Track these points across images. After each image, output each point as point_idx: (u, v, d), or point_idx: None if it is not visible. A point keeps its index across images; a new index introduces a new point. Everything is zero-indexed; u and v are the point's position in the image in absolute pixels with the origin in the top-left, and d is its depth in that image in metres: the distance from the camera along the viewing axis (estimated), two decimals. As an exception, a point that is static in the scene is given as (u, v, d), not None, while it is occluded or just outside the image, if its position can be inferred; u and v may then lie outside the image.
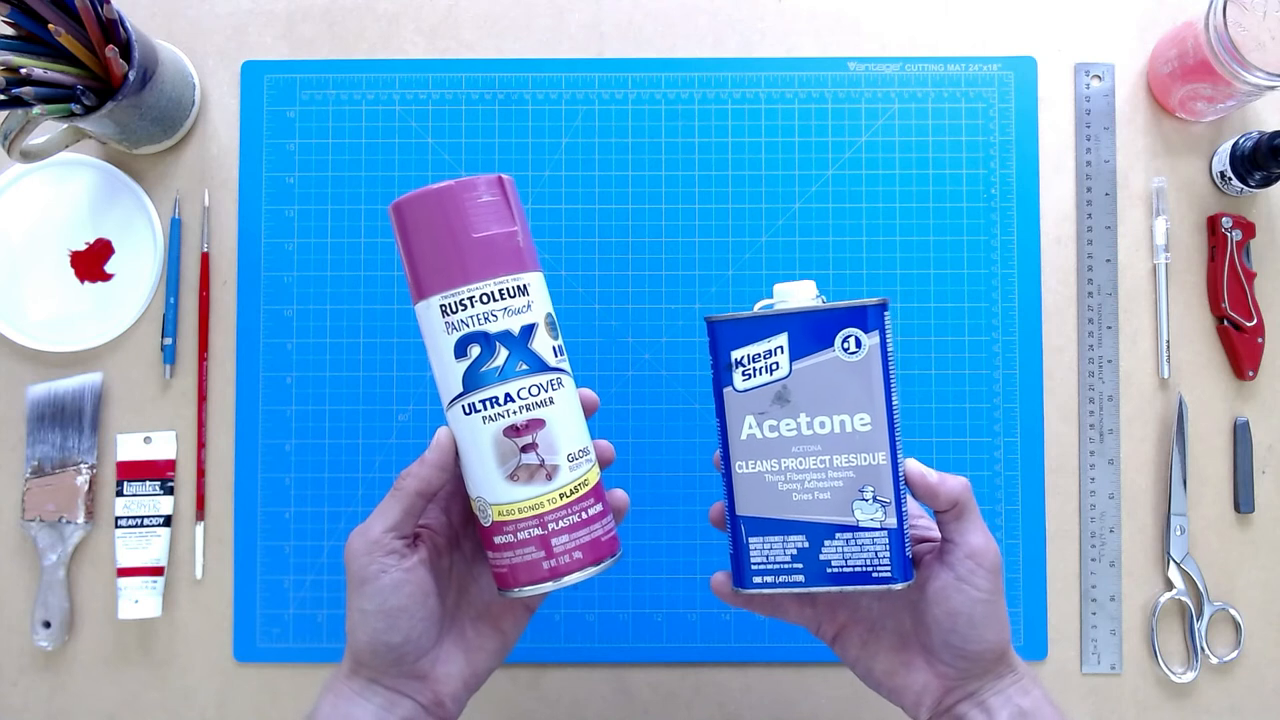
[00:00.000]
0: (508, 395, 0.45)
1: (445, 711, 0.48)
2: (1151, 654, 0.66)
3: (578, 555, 0.46)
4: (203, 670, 0.66)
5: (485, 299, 0.45)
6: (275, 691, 0.66)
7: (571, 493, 0.46)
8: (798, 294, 0.48)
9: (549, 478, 0.46)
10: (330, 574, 0.66)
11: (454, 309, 0.45)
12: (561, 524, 0.46)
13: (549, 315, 0.47)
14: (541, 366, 0.46)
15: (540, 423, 0.46)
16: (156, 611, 0.65)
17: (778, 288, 0.48)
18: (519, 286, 0.46)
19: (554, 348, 0.47)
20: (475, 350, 0.45)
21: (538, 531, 0.46)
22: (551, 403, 0.46)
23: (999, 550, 0.47)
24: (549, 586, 0.46)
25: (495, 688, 0.51)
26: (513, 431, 0.46)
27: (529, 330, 0.46)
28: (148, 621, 0.66)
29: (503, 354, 0.45)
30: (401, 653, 0.46)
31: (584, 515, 0.47)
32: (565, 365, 0.47)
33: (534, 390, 0.46)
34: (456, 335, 0.46)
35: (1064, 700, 0.65)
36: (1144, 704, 0.65)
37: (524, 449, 0.46)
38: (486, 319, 0.45)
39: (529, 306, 0.46)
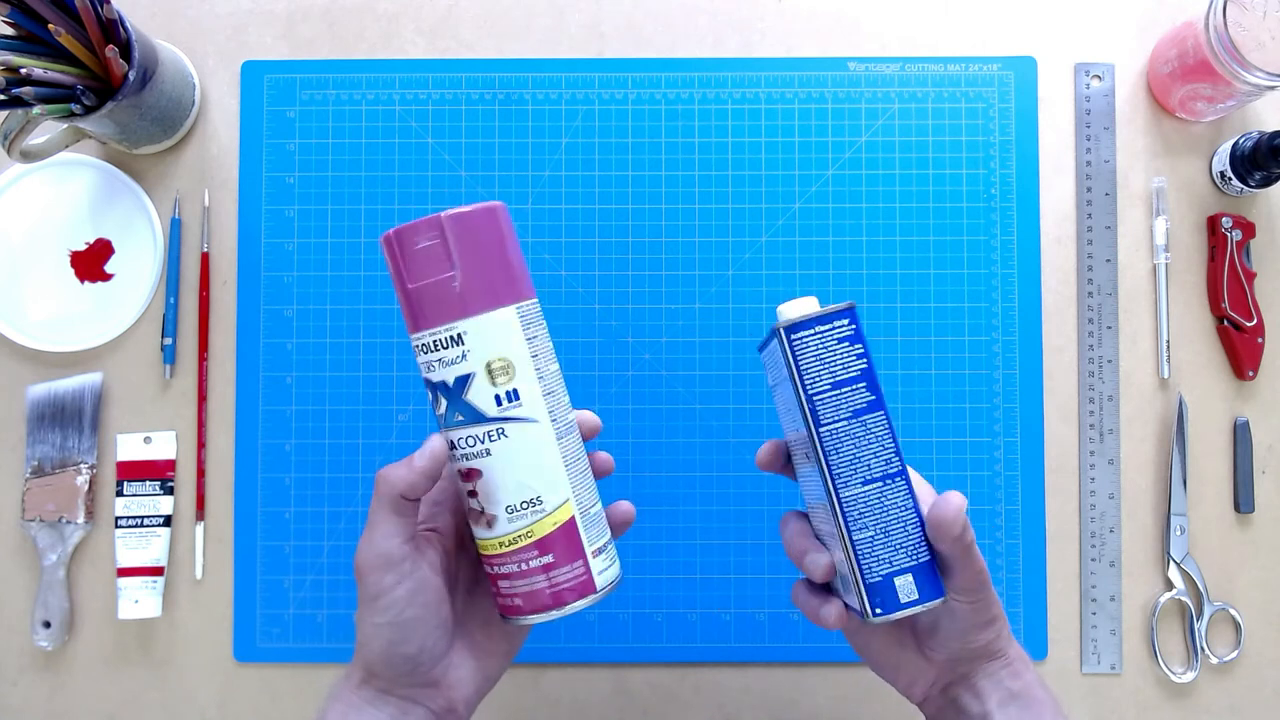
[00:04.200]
0: (452, 442, 0.46)
1: (457, 717, 0.48)
2: (1151, 654, 0.66)
3: (517, 602, 0.46)
4: (203, 670, 0.66)
5: (424, 349, 0.46)
6: (275, 691, 0.66)
7: (511, 543, 0.46)
8: (803, 310, 0.47)
9: (489, 525, 0.46)
10: (330, 574, 0.66)
11: (415, 353, 0.47)
12: (502, 569, 0.46)
13: (494, 362, 0.45)
14: (477, 418, 0.45)
15: (477, 473, 0.46)
16: (156, 611, 0.65)
17: (782, 308, 0.47)
18: (452, 337, 0.45)
19: (499, 395, 0.45)
20: (430, 395, 0.46)
21: (488, 569, 0.47)
22: (488, 454, 0.45)
23: (985, 565, 0.46)
24: (508, 619, 0.47)
25: (495, 687, 0.51)
26: (461, 475, 0.46)
27: (464, 381, 0.45)
28: (148, 621, 0.66)
29: (443, 403, 0.46)
30: (416, 662, 0.46)
31: (523, 566, 0.46)
32: (518, 412, 0.45)
33: (469, 441, 0.45)
34: (423, 377, 0.47)
35: (1064, 700, 0.65)
36: (1144, 704, 0.65)
37: (469, 493, 0.46)
38: (429, 368, 0.46)
39: (463, 357, 0.45)
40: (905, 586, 0.45)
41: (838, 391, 0.45)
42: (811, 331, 0.45)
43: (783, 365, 0.46)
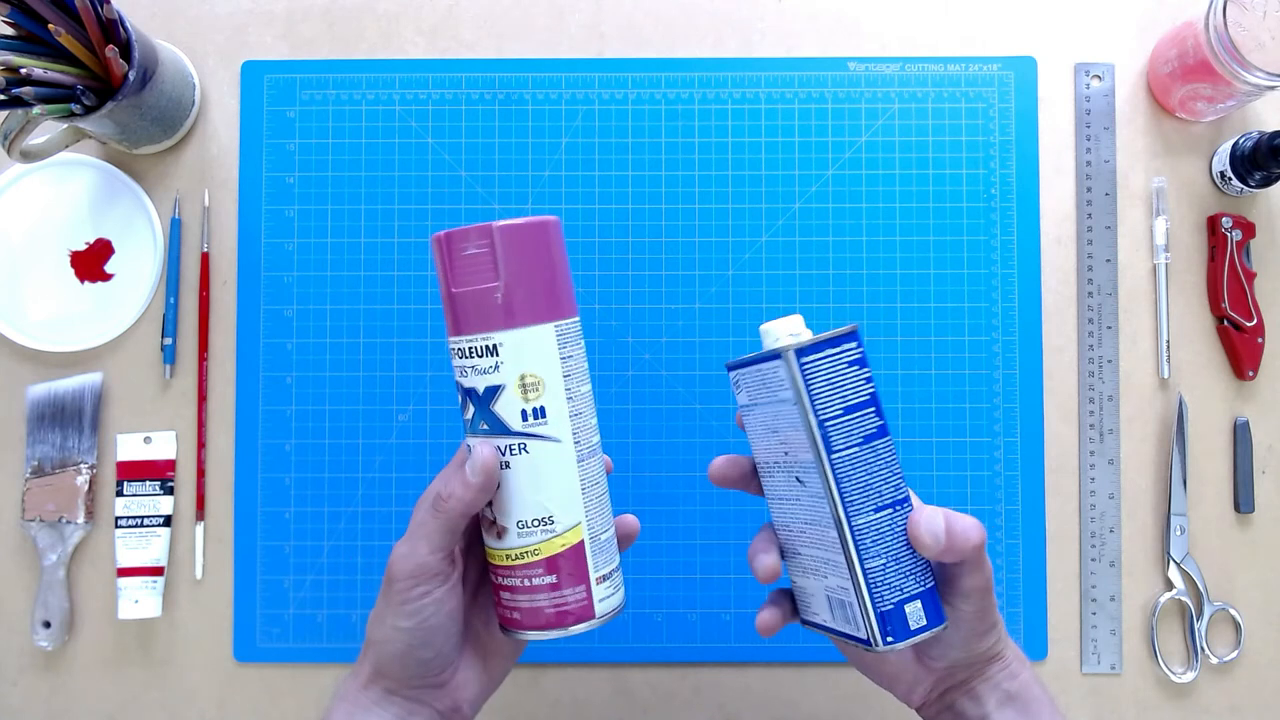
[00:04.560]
0: (470, 449, 0.46)
1: (462, 717, 0.48)
2: (1151, 654, 0.66)
3: (516, 616, 0.46)
4: (203, 670, 0.66)
5: (459, 354, 0.46)
6: (275, 691, 0.66)
7: (517, 558, 0.46)
8: (766, 335, 0.47)
9: (499, 536, 0.46)
10: (330, 574, 0.66)
11: (451, 355, 0.47)
12: (506, 581, 0.47)
13: (526, 377, 0.45)
14: (501, 430, 0.45)
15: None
16: (156, 611, 0.65)
17: (765, 327, 0.47)
18: (488, 346, 0.45)
19: (525, 410, 0.45)
20: (460, 398, 0.47)
21: (493, 577, 0.48)
22: (508, 467, 0.45)
23: (991, 570, 0.46)
24: (506, 631, 0.48)
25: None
26: None
27: (493, 392, 0.45)
28: (148, 621, 0.66)
29: (470, 409, 0.46)
30: (429, 666, 0.46)
31: (527, 582, 0.46)
32: (542, 430, 0.45)
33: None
34: (456, 380, 0.47)
35: (1064, 700, 0.65)
36: (1144, 704, 0.65)
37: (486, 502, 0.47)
38: (463, 373, 0.46)
39: (496, 367, 0.45)
40: (915, 613, 0.45)
41: (849, 417, 0.44)
42: (823, 355, 0.44)
43: (786, 388, 0.44)
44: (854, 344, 0.44)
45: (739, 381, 0.49)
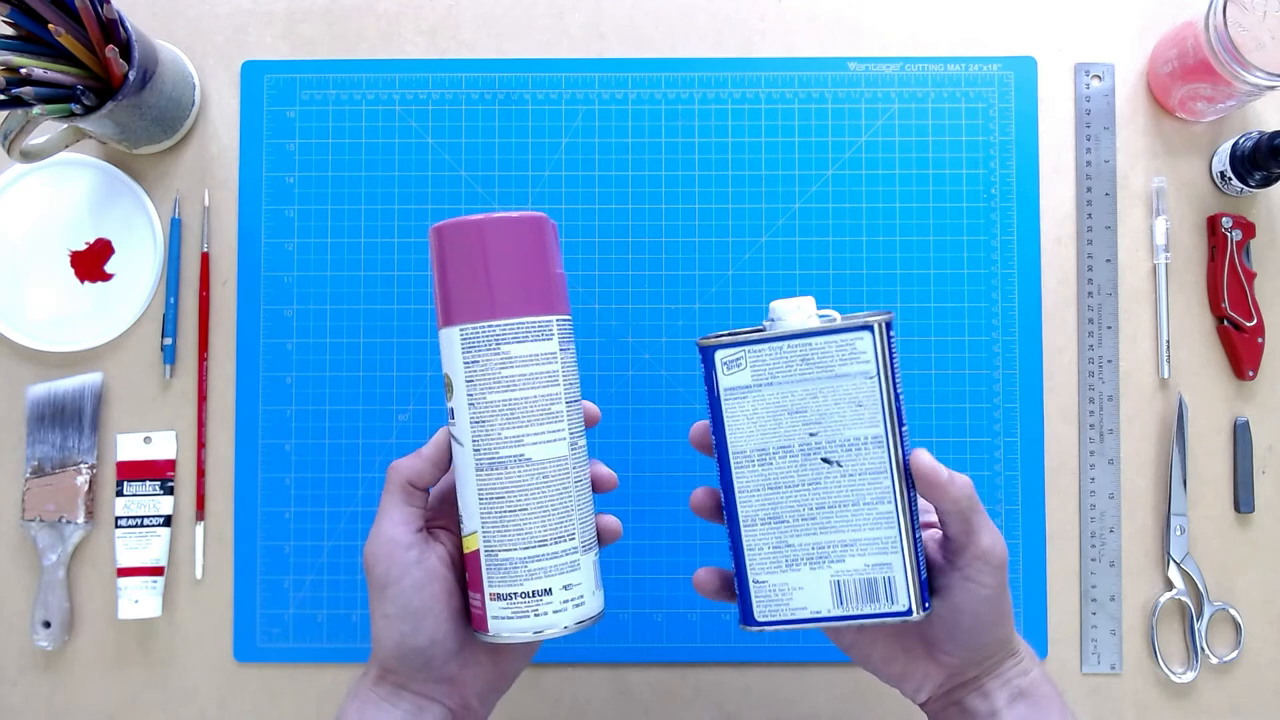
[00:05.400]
0: None
1: (473, 715, 0.48)
2: (1151, 654, 0.66)
3: None
4: (203, 670, 0.66)
5: None
6: (275, 691, 0.66)
7: None
8: (798, 311, 0.46)
9: None
10: (330, 574, 0.66)
11: None
12: None
13: (445, 376, 0.47)
14: (443, 420, 0.48)
15: None
16: (156, 611, 0.65)
17: (786, 304, 0.46)
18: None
19: (448, 408, 0.47)
20: None
21: None
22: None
23: (1005, 545, 0.46)
24: None
25: (495, 688, 0.52)
26: None
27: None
28: (148, 621, 0.66)
29: None
30: (428, 655, 0.46)
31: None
32: (454, 430, 0.47)
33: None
34: None
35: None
36: (1144, 704, 0.65)
37: None
38: None
39: (439, 363, 0.47)
40: (927, 584, 0.47)
41: (901, 394, 0.46)
42: (893, 333, 0.45)
43: (861, 361, 0.44)
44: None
45: (740, 360, 0.46)
